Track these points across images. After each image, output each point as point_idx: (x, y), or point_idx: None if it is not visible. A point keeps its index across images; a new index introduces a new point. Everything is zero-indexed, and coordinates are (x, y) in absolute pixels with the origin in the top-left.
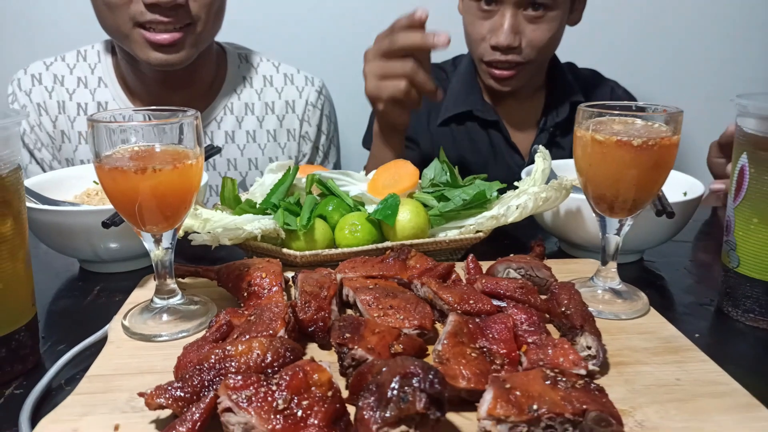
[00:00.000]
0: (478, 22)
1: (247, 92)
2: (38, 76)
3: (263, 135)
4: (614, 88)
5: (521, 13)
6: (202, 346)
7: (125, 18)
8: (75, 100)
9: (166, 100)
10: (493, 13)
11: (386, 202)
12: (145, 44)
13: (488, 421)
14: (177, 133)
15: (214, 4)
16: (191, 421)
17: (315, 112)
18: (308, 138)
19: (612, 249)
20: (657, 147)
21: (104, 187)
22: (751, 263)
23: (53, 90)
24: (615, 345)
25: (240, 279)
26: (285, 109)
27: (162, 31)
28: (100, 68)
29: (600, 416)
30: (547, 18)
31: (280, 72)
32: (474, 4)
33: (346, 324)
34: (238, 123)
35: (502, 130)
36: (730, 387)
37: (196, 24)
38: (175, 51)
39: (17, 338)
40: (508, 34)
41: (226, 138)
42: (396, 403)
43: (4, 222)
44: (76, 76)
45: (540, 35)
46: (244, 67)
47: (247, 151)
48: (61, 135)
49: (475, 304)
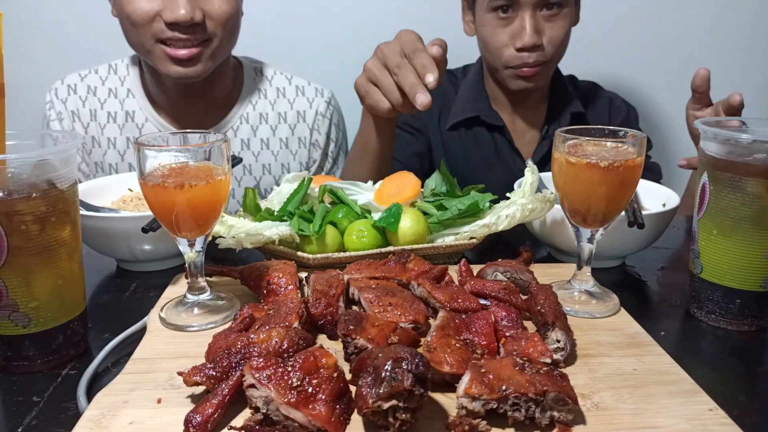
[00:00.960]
0: (498, 31)
1: (261, 103)
2: (74, 87)
3: (276, 143)
4: (613, 99)
5: (539, 14)
6: (228, 335)
7: (148, 35)
8: (106, 109)
9: (186, 109)
10: (511, 19)
11: (390, 210)
12: (165, 59)
13: (465, 399)
14: (208, 153)
15: (229, 22)
16: (221, 394)
17: (324, 122)
18: (318, 145)
19: (586, 255)
20: (622, 168)
21: (147, 199)
22: (712, 270)
23: (86, 99)
24: (585, 340)
25: (260, 278)
26: (296, 119)
27: (181, 47)
28: (129, 80)
29: (558, 396)
30: (561, 15)
31: (292, 84)
32: (491, 15)
33: (351, 318)
34: (252, 131)
35: (506, 134)
36: (678, 376)
37: (213, 40)
38: (192, 65)
39: (72, 327)
40: (532, 34)
41: (241, 145)
42: (388, 381)
43: (64, 228)
44: (108, 88)
45: (558, 32)
46: (259, 79)
47: (261, 157)
48: (92, 140)
49: (463, 302)
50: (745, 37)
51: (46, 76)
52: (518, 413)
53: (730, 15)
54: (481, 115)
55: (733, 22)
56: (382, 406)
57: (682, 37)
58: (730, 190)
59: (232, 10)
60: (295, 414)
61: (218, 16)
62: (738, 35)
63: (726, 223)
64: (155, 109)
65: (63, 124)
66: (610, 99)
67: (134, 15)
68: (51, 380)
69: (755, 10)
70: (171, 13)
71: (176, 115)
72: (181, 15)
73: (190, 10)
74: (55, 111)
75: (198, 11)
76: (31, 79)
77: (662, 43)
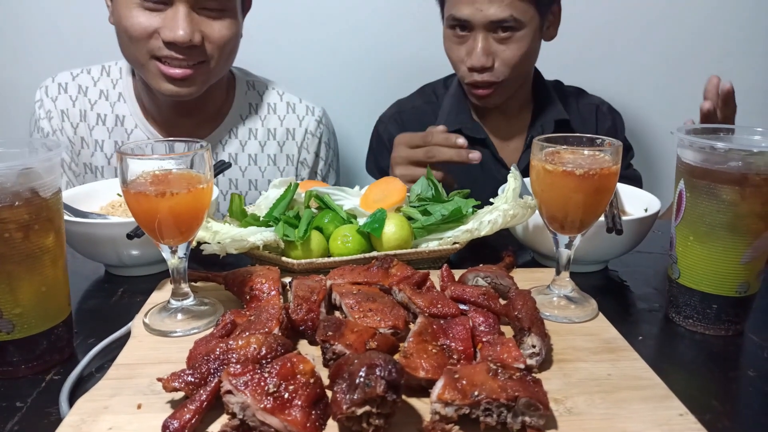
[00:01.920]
0: (455, 47)
1: (251, 119)
2: (64, 85)
3: (264, 159)
4: (599, 106)
5: (491, 36)
6: (209, 341)
7: (143, 51)
8: (96, 111)
9: (177, 122)
10: (466, 38)
11: (375, 216)
12: (159, 75)
13: (438, 404)
14: (190, 161)
15: (227, 46)
16: (199, 401)
17: (314, 140)
18: (306, 164)
19: (564, 261)
20: (598, 176)
21: (130, 206)
22: (689, 275)
23: (77, 99)
24: (561, 345)
25: (243, 284)
26: (285, 136)
27: (176, 66)
28: (121, 84)
29: (529, 402)
30: (515, 38)
31: (284, 101)
32: (451, 32)
33: (330, 324)
34: (241, 146)
35: (489, 146)
36: (652, 381)
37: (209, 62)
38: (186, 85)
39: (56, 332)
40: (480, 56)
41: (229, 159)
42: (362, 388)
43: (47, 236)
44: (99, 89)
45: (511, 54)
46: (251, 94)
47: (248, 172)
48: (80, 141)
49: (442, 308)
50: (736, 42)
51: (41, 76)
52: (490, 418)
53: (720, 20)
54: (463, 128)
55: (724, 26)
56: (356, 412)
57: (670, 43)
58: (706, 197)
59: (231, 35)
60: (271, 420)
61: (217, 40)
62: (729, 41)
63: (702, 230)
64: (146, 117)
65: (52, 123)
66: (596, 106)
67: (132, 30)
68: (35, 386)
69: (747, 15)
70: (170, 33)
71: (167, 126)
72: (180, 36)
73: (189, 32)
74: (45, 109)
75: (197, 33)
76: (25, 79)
77: (650, 49)
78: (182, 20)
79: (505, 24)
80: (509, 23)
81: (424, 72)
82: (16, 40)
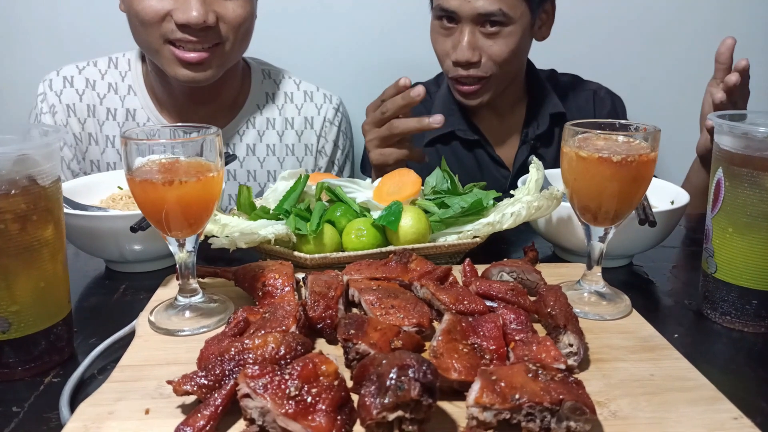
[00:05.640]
0: (441, 39)
1: (269, 108)
2: (70, 79)
3: (282, 149)
4: (597, 91)
5: (478, 30)
6: (222, 340)
7: (157, 35)
8: (105, 105)
9: (192, 112)
10: (453, 31)
11: (390, 208)
12: (174, 61)
13: (475, 409)
14: (200, 147)
15: (242, 26)
16: (214, 405)
17: (332, 129)
18: (324, 153)
19: (597, 255)
20: (636, 163)
21: (135, 196)
22: (727, 269)
23: (84, 93)
24: (597, 343)
25: (255, 280)
26: (304, 125)
27: (191, 50)
28: (131, 76)
29: (575, 405)
30: (503, 33)
31: (301, 89)
32: (436, 23)
33: (351, 321)
34: (259, 137)
35: (484, 146)
36: (698, 382)
37: (224, 44)
38: (202, 69)
39: (55, 332)
40: (466, 50)
41: (247, 150)
42: (394, 390)
43: (46, 227)
44: (107, 82)
45: (498, 50)
46: (267, 83)
47: (266, 163)
48: (88, 137)
49: (469, 304)
50: (744, 25)
51: (44, 70)
52: (533, 424)
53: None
54: (455, 130)
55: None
56: (387, 417)
57: (672, 26)
58: (747, 186)
59: (246, 14)
60: (293, 426)
61: (232, 20)
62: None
63: (742, 221)
64: (159, 109)
65: (56, 119)
66: (593, 91)
67: (143, 13)
68: (33, 389)
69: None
70: (182, 15)
71: (181, 117)
72: (193, 17)
73: (203, 12)
74: (48, 104)
75: (211, 14)
76: (26, 73)
77: (650, 32)
78: (195, 1)
79: (493, 18)
80: (498, 17)
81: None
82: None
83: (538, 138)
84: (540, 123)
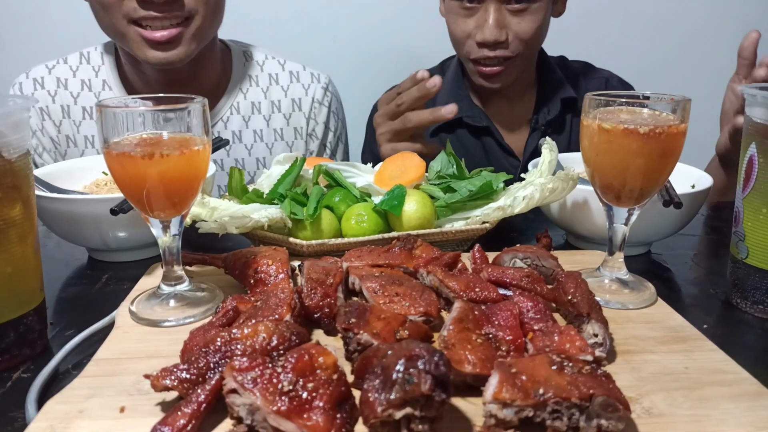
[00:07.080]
0: (461, 21)
1: (253, 91)
2: (41, 80)
3: (270, 134)
4: (608, 79)
5: (504, 8)
6: (208, 330)
7: (119, 16)
8: (80, 104)
9: None
10: (476, 10)
11: (393, 192)
12: (142, 42)
13: (494, 405)
14: (185, 121)
15: None
16: (197, 402)
17: (322, 110)
18: (315, 136)
19: (619, 239)
20: (664, 135)
21: (112, 172)
22: (760, 254)
23: (56, 94)
24: (622, 334)
25: (247, 266)
26: (292, 108)
27: (158, 28)
28: (104, 70)
29: (607, 401)
30: (531, 10)
31: (286, 70)
32: (456, 3)
33: (352, 309)
34: (245, 123)
35: (493, 134)
36: (738, 376)
37: (194, 18)
38: (173, 48)
39: (25, 322)
40: (494, 29)
41: (233, 138)
42: (401, 385)
43: (13, 206)
44: (80, 79)
45: (526, 27)
46: (249, 65)
47: (254, 150)
48: (66, 140)
49: (481, 291)
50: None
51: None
52: (559, 422)
53: None
54: (463, 116)
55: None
56: (394, 415)
57: (680, 14)
58: None
59: None
60: (287, 425)
61: None
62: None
63: None
64: None
65: (30, 123)
66: (606, 79)
67: None
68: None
69: None
70: None
71: None
72: None
73: None
74: None
75: None
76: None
77: (660, 20)
78: None
79: None
80: None
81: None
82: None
83: (548, 124)
84: (551, 108)
